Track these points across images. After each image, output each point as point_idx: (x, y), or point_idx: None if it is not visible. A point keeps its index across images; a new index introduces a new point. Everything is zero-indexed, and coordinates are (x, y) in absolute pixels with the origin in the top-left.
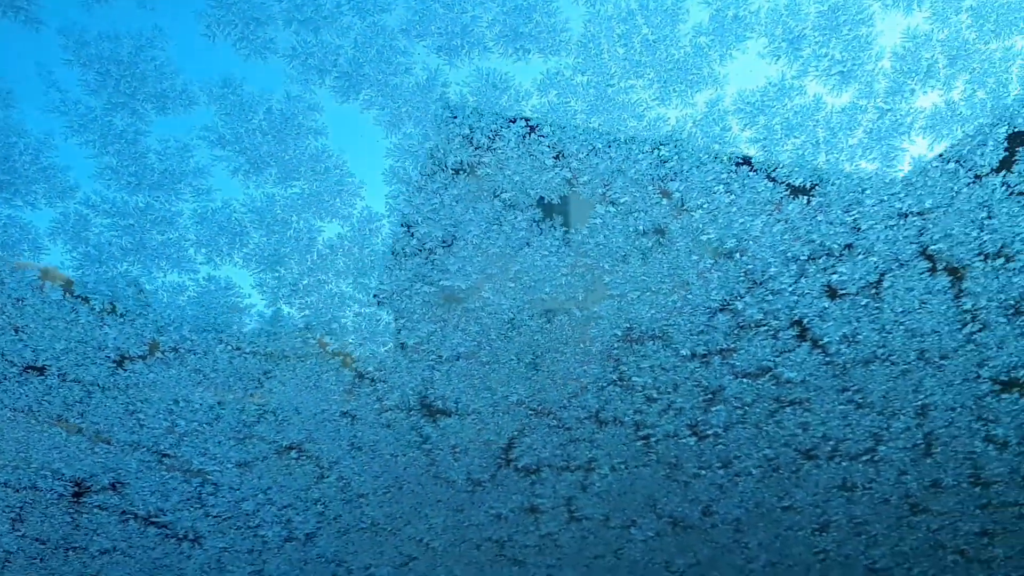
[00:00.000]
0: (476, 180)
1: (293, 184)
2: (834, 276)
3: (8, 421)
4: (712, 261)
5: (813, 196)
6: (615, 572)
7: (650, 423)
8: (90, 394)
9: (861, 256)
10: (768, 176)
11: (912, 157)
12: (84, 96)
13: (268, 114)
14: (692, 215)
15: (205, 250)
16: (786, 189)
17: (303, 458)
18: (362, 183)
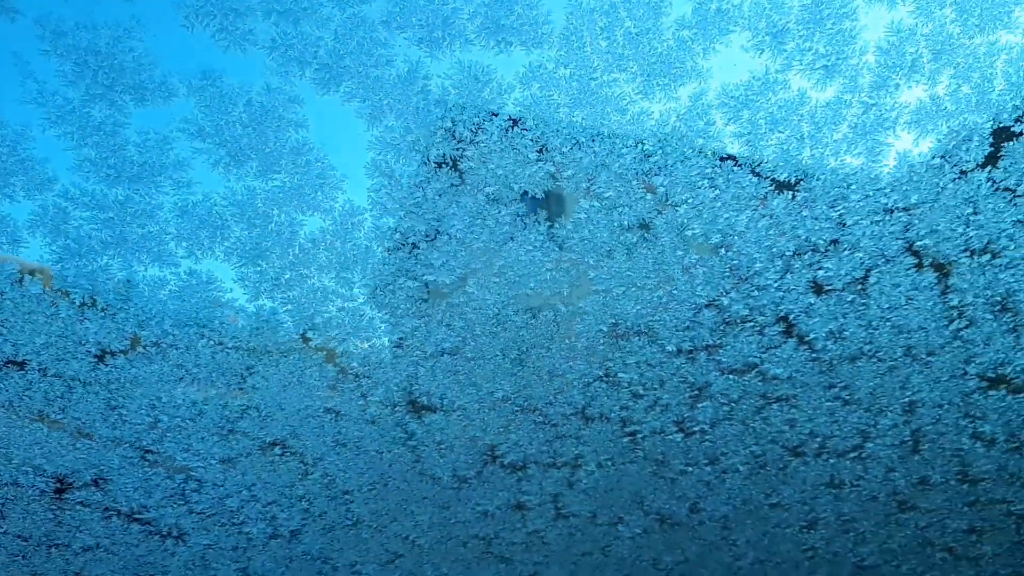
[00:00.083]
0: (459, 174)
1: (274, 177)
2: (820, 272)
3: None
4: (697, 256)
5: (798, 191)
6: (602, 569)
7: (636, 419)
8: (71, 389)
9: (847, 252)
10: (753, 171)
11: (897, 152)
12: (62, 87)
13: (248, 106)
14: (677, 210)
15: (186, 244)
16: (771, 184)
17: (287, 454)
18: (344, 176)
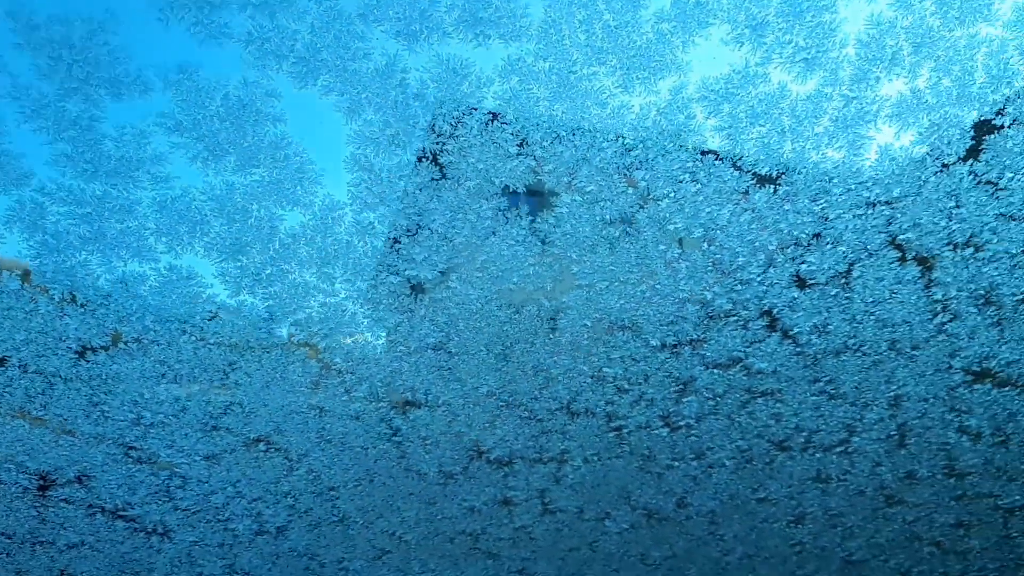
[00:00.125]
0: (439, 168)
1: (253, 171)
2: (803, 266)
3: None
4: (680, 251)
5: (780, 185)
6: (590, 565)
7: (622, 414)
8: (52, 386)
9: (830, 246)
10: (734, 165)
11: (879, 146)
12: (36, 81)
13: (225, 100)
14: (659, 204)
15: (166, 239)
16: (752, 178)
17: (272, 451)
18: (323, 171)
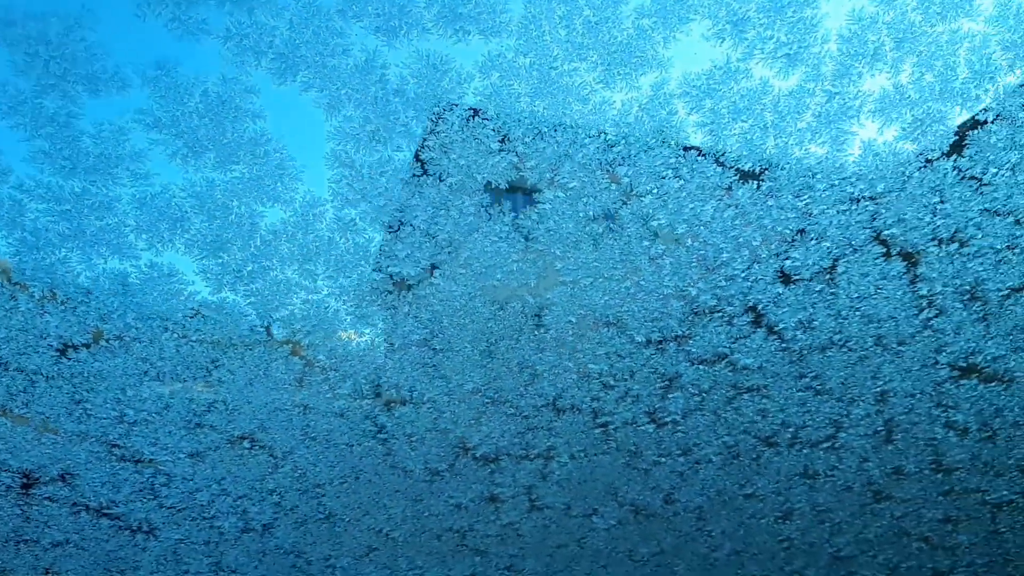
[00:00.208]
0: (420, 164)
1: (233, 168)
2: (787, 262)
3: None
4: (664, 247)
5: (763, 181)
6: (578, 561)
7: (608, 410)
8: (34, 383)
9: (814, 241)
10: (717, 161)
11: (862, 141)
12: (12, 77)
13: (204, 97)
14: (642, 200)
15: (146, 236)
16: (735, 174)
17: (256, 448)
18: (303, 167)
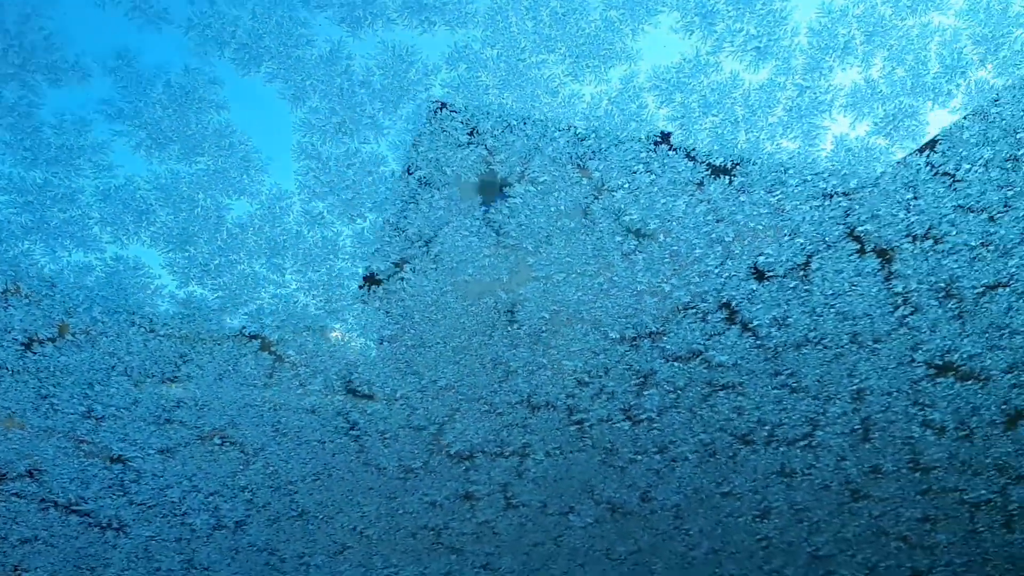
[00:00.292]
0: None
1: (197, 160)
2: (761, 258)
3: None
4: (637, 243)
5: (735, 176)
6: (555, 560)
7: (583, 407)
8: None
9: (787, 237)
10: (688, 155)
11: (834, 136)
12: None
13: (167, 87)
14: (613, 195)
15: (111, 228)
16: (707, 169)
17: (227, 444)
18: (269, 159)
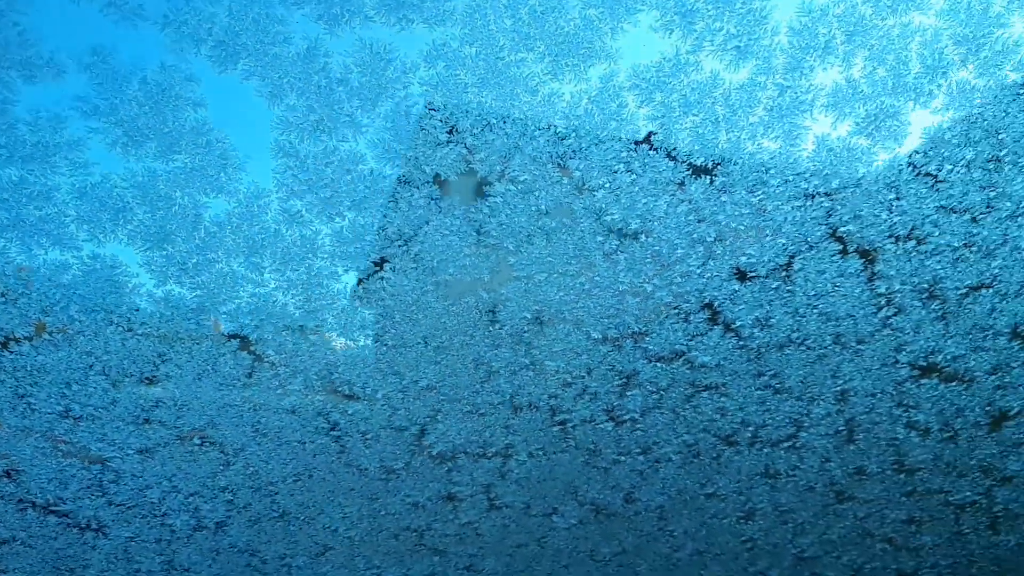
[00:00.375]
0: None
1: (175, 158)
2: (743, 258)
3: None
4: (618, 242)
5: (716, 176)
6: (539, 561)
7: (566, 408)
8: None
9: (769, 238)
10: (669, 155)
11: (815, 136)
12: None
13: (143, 84)
14: (594, 195)
15: (87, 227)
16: (688, 169)
17: (207, 444)
18: (247, 157)
